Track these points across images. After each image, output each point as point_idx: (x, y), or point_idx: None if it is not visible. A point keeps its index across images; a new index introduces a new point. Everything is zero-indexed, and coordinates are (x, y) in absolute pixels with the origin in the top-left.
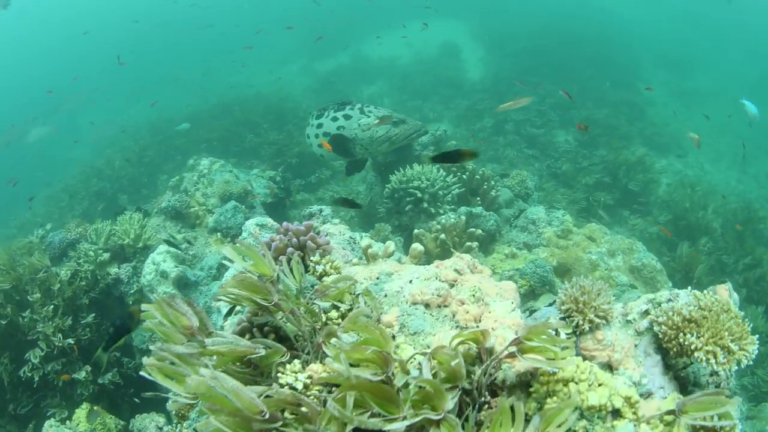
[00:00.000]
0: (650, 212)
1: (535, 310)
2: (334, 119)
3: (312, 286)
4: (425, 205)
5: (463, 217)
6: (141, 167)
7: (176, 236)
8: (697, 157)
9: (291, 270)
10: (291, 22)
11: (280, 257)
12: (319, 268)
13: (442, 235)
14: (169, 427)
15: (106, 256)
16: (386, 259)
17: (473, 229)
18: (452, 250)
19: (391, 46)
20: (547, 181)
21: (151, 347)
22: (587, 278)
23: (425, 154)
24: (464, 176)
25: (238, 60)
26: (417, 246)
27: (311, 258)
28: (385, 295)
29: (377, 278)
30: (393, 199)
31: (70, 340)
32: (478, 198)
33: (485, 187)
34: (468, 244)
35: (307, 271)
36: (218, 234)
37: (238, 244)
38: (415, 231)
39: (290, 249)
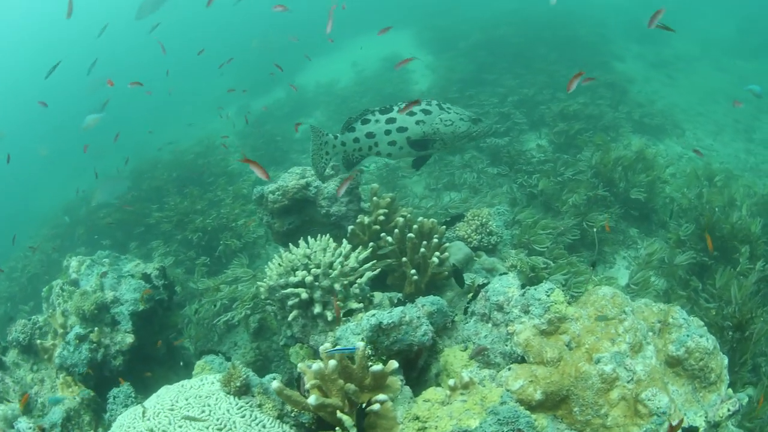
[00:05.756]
0: (665, 224)
1: None
2: (411, 113)
3: None
4: (317, 309)
5: (362, 344)
6: (49, 264)
7: (27, 378)
8: (695, 132)
9: None
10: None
11: None
12: None
13: (311, 398)
14: None
15: None
16: None
17: (379, 367)
18: (340, 415)
19: (330, 71)
20: (522, 209)
21: None
22: None
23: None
24: (390, 238)
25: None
26: None
27: None
28: None
29: None
30: (275, 300)
31: None
32: (414, 272)
33: (424, 251)
34: (369, 409)
35: None
36: (63, 374)
37: None
38: (274, 385)
39: None
